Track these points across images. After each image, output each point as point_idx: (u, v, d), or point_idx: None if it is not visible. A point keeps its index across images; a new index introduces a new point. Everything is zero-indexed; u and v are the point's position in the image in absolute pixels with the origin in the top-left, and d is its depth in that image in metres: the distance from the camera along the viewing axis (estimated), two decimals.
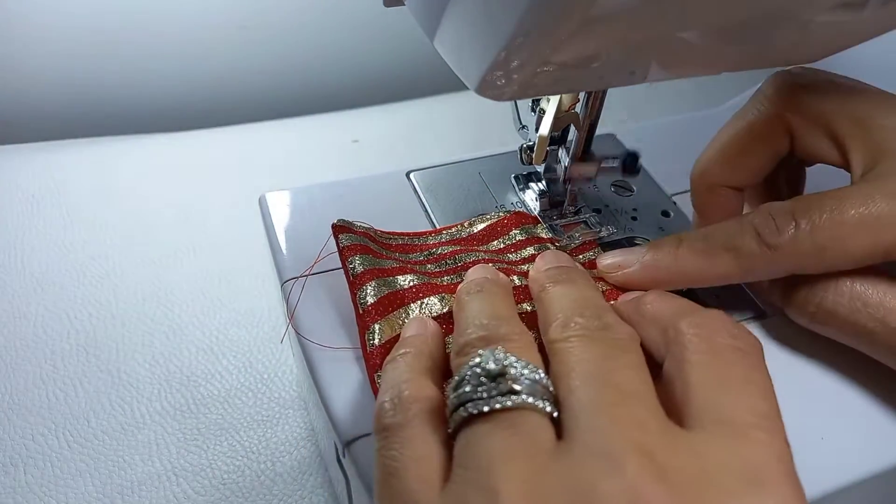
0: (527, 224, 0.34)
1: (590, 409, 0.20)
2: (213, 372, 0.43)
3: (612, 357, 0.22)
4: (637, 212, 0.36)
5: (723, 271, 0.28)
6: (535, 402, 0.20)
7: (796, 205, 0.27)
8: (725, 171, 0.32)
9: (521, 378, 0.21)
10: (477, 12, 0.21)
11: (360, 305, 0.29)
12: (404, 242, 0.33)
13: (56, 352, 0.44)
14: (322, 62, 0.71)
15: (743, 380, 0.21)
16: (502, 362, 0.21)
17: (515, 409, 0.20)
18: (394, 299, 0.28)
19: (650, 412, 0.20)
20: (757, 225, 0.27)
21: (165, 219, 0.53)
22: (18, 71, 0.62)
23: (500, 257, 0.32)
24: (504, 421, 0.20)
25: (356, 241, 0.30)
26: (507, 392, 0.20)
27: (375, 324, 0.28)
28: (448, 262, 0.31)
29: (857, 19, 0.23)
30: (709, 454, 0.19)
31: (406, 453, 0.21)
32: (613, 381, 0.21)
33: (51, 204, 0.54)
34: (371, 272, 0.29)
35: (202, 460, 0.39)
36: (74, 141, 0.60)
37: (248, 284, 0.48)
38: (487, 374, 0.21)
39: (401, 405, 0.22)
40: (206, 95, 0.69)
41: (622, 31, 0.21)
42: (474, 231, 0.34)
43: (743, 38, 0.23)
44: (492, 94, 0.24)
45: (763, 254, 0.27)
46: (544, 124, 0.31)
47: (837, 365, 0.30)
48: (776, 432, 0.20)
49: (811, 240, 0.26)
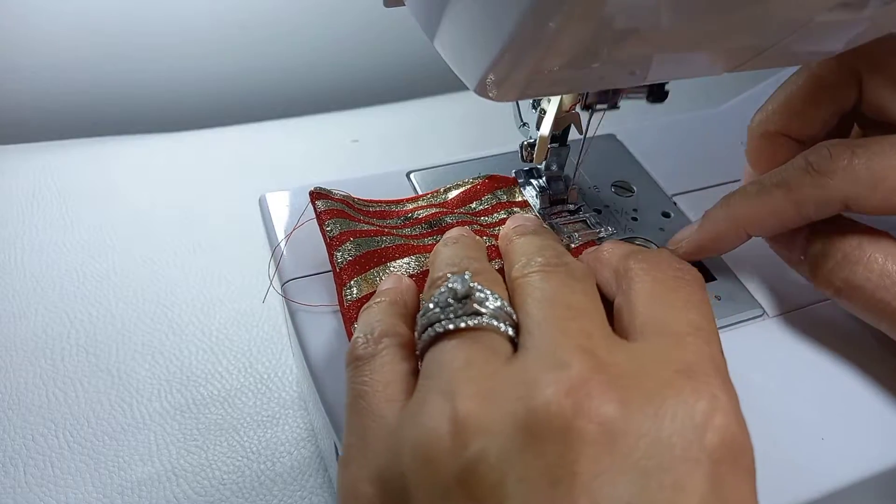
0: (500, 188, 0.35)
1: (542, 323, 0.22)
2: (213, 372, 0.43)
3: (567, 285, 0.23)
4: (637, 212, 0.36)
5: (775, 208, 0.28)
6: (497, 324, 0.22)
7: (855, 140, 0.27)
8: (788, 119, 0.31)
9: (486, 302, 0.22)
10: (477, 12, 0.21)
11: (338, 265, 0.30)
12: (381, 209, 0.34)
13: (56, 352, 0.44)
14: (322, 62, 0.71)
15: (683, 300, 0.23)
16: (468, 284, 0.23)
17: (478, 328, 0.22)
18: (371, 258, 0.30)
19: (597, 326, 0.22)
20: (809, 156, 0.27)
21: (165, 219, 0.53)
22: (18, 71, 0.62)
23: (475, 219, 0.33)
24: (468, 338, 0.22)
25: (333, 206, 0.32)
26: (472, 313, 0.22)
27: (353, 280, 0.29)
28: (424, 225, 0.33)
29: (857, 19, 0.23)
30: (646, 355, 0.21)
31: (375, 378, 0.23)
32: (565, 301, 0.22)
33: (51, 204, 0.54)
34: (347, 233, 0.31)
35: (202, 460, 0.39)
36: (74, 141, 0.60)
37: (248, 284, 0.48)
38: (454, 295, 0.22)
39: (372, 339, 0.24)
40: (206, 95, 0.69)
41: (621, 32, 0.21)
42: (449, 197, 0.35)
43: (743, 40, 0.23)
44: (492, 95, 0.24)
45: (814, 182, 0.27)
46: (545, 124, 0.31)
47: (838, 365, 0.30)
48: (711, 341, 0.22)
49: (869, 168, 0.26)
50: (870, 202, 0.27)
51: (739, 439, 0.19)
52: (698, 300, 0.23)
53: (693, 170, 0.39)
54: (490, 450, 0.19)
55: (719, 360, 0.21)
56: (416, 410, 0.21)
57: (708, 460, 0.18)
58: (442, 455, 0.19)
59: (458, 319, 0.22)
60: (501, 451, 0.19)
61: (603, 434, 0.18)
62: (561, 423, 0.18)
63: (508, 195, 0.35)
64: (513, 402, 0.19)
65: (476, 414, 0.19)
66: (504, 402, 0.19)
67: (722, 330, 0.31)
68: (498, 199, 0.35)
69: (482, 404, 0.19)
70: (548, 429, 0.18)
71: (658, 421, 0.19)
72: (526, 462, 0.18)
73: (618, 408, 0.19)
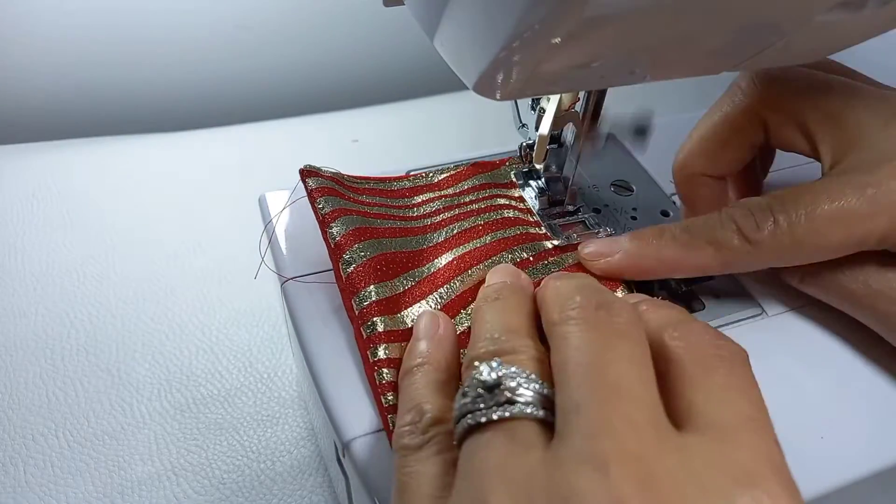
0: (483, 172, 0.36)
1: (580, 410, 0.19)
2: (213, 372, 0.43)
3: (610, 347, 0.21)
4: (636, 211, 0.36)
5: (703, 262, 0.29)
6: (532, 411, 0.20)
7: (773, 201, 0.28)
8: (705, 162, 0.33)
9: (518, 388, 0.21)
10: (476, 12, 0.21)
11: (331, 240, 0.30)
12: (371, 187, 0.35)
13: (56, 352, 0.44)
14: (322, 62, 0.71)
15: (728, 385, 0.21)
16: (498, 373, 0.21)
17: (512, 419, 0.20)
18: (364, 232, 0.30)
19: (643, 411, 0.20)
20: (737, 220, 0.28)
21: (165, 219, 0.53)
22: (18, 71, 0.62)
23: (459, 200, 0.34)
24: (500, 431, 0.20)
25: (324, 183, 0.32)
26: (504, 402, 0.21)
27: (348, 250, 0.29)
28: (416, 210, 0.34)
29: (856, 19, 0.23)
30: (697, 457, 0.19)
31: (419, 470, 0.22)
32: (607, 376, 0.20)
33: (51, 204, 0.54)
34: (338, 210, 0.31)
35: (202, 460, 0.39)
36: (74, 141, 0.60)
37: (248, 284, 0.48)
38: (484, 386, 0.21)
39: (420, 427, 0.23)
40: (206, 95, 0.69)
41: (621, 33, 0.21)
42: (435, 180, 0.36)
43: (743, 39, 0.23)
44: (491, 94, 0.24)
45: (744, 248, 0.28)
46: (544, 123, 0.31)
47: (838, 365, 0.30)
48: (764, 433, 0.20)
49: (789, 235, 0.27)
50: (795, 262, 0.29)
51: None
52: (745, 384, 0.21)
53: None
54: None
55: (777, 457, 0.20)
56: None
57: None
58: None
59: (490, 411, 0.20)
60: None
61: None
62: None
63: (493, 178, 0.36)
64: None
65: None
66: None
67: (721, 329, 0.31)
68: (482, 182, 0.36)
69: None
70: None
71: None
72: None
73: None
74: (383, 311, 0.28)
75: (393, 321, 0.28)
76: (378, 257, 0.30)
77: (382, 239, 0.31)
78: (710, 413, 0.20)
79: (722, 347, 0.22)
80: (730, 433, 0.19)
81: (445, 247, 0.32)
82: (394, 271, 0.30)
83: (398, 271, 0.30)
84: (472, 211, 0.33)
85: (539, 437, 0.20)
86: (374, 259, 0.30)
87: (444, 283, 0.30)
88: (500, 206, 0.34)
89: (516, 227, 0.33)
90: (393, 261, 0.30)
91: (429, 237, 0.32)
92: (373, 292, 0.29)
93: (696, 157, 0.33)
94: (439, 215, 0.33)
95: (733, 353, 0.22)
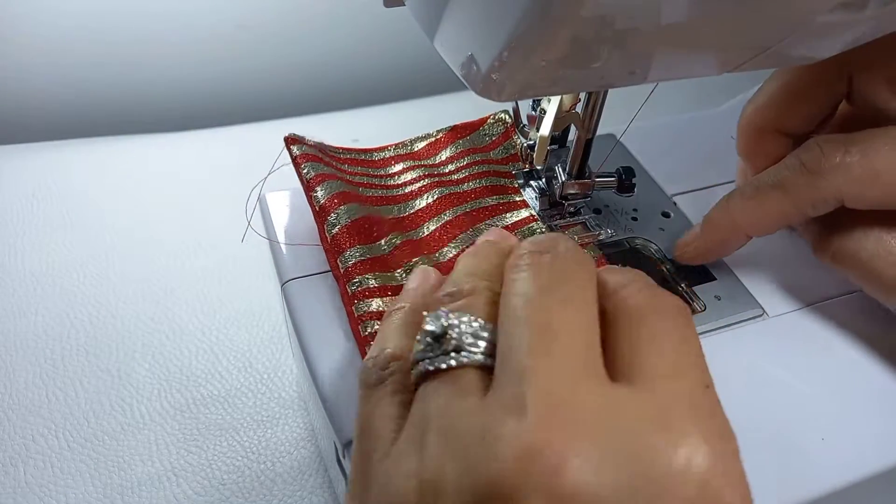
0: (462, 137, 0.37)
1: (513, 349, 0.20)
2: (213, 372, 0.43)
3: (549, 290, 0.21)
4: (637, 212, 0.36)
5: (774, 210, 0.28)
6: (476, 359, 0.21)
7: (846, 136, 0.27)
8: (780, 114, 0.31)
9: (463, 337, 0.21)
10: (477, 12, 0.21)
11: (316, 203, 0.31)
12: (352, 157, 0.36)
13: (56, 352, 0.44)
14: (322, 62, 0.71)
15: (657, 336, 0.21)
16: (444, 323, 0.22)
17: (458, 367, 0.21)
18: (347, 196, 0.31)
19: (573, 356, 0.20)
20: (802, 155, 0.27)
21: (165, 219, 0.53)
22: (18, 71, 0.62)
23: (438, 171, 0.35)
24: (446, 379, 0.21)
25: (308, 151, 0.34)
26: (451, 351, 0.21)
27: (332, 212, 0.31)
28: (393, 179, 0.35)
29: (857, 19, 0.23)
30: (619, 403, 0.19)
31: (376, 412, 0.22)
32: (541, 320, 0.20)
33: (51, 204, 0.54)
34: (322, 175, 0.32)
35: (202, 460, 0.39)
36: (74, 141, 0.60)
37: (248, 284, 0.48)
38: (432, 336, 0.22)
39: (380, 363, 0.23)
40: (206, 95, 0.69)
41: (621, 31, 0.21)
42: (415, 149, 0.37)
43: (744, 40, 0.23)
44: (492, 95, 0.24)
45: (809, 182, 0.27)
46: (545, 124, 0.31)
47: (838, 365, 0.30)
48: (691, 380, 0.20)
49: (862, 165, 0.26)
50: (865, 199, 0.27)
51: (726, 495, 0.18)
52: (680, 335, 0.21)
53: (693, 170, 0.39)
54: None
55: (700, 401, 0.19)
56: (393, 463, 0.20)
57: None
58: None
59: (437, 360, 0.21)
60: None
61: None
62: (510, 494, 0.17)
63: (472, 142, 0.37)
64: (471, 465, 0.18)
65: (437, 475, 0.19)
66: (464, 463, 0.18)
67: (722, 330, 0.31)
68: (461, 149, 0.36)
69: (445, 462, 0.19)
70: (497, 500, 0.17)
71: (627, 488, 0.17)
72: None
73: (577, 478, 0.17)
74: (367, 270, 0.30)
75: (381, 278, 0.30)
76: (361, 219, 0.31)
77: (365, 204, 0.32)
78: (639, 362, 0.20)
79: (662, 302, 0.22)
80: (656, 381, 0.19)
81: (426, 214, 0.33)
82: (378, 233, 0.31)
83: (382, 233, 0.31)
84: (451, 181, 0.35)
85: (480, 384, 0.20)
86: (358, 221, 0.31)
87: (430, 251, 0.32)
88: (478, 175, 0.35)
89: (495, 197, 0.34)
90: (377, 223, 0.31)
91: (409, 204, 0.33)
92: (357, 252, 0.30)
93: (769, 110, 0.31)
94: (418, 183, 0.34)
95: (673, 306, 0.22)
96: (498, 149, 0.36)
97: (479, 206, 0.33)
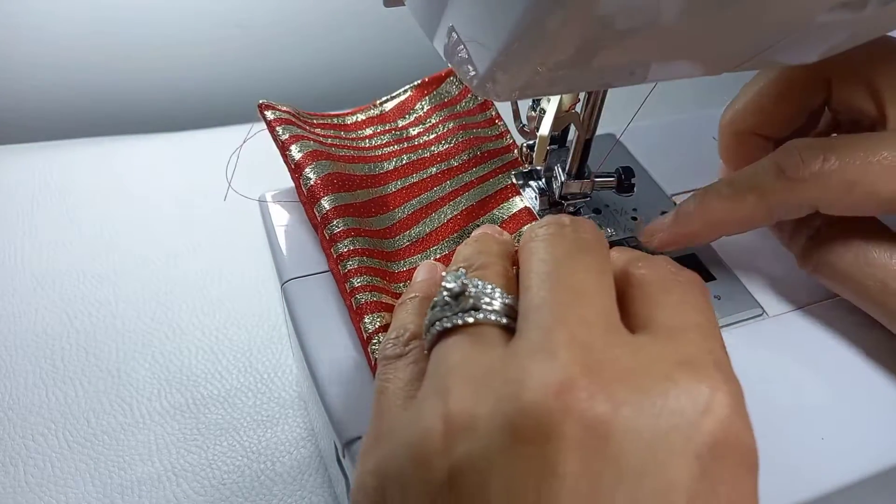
0: (429, 93, 0.38)
1: (540, 307, 0.21)
2: (213, 372, 0.43)
3: (571, 256, 0.22)
4: (637, 212, 0.36)
5: (746, 213, 0.29)
6: (495, 318, 0.22)
7: (825, 142, 0.27)
8: (758, 117, 0.32)
9: (482, 296, 0.22)
10: (476, 12, 0.21)
11: (292, 161, 0.34)
12: (324, 122, 0.38)
13: (56, 352, 0.44)
14: (322, 62, 0.71)
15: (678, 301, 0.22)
16: (461, 281, 0.23)
17: (476, 324, 0.22)
18: (321, 154, 0.34)
19: (599, 312, 0.21)
20: (780, 160, 0.27)
21: (165, 218, 0.53)
22: (18, 71, 0.62)
23: (407, 133, 0.37)
24: (465, 334, 0.22)
25: (281, 115, 0.36)
26: (471, 308, 0.22)
27: (308, 167, 0.33)
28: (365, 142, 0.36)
29: (857, 19, 0.23)
30: (645, 348, 0.20)
31: (396, 376, 0.23)
32: (567, 281, 0.21)
33: (51, 204, 0.54)
34: (296, 137, 0.34)
35: (202, 460, 0.39)
36: (74, 141, 0.60)
37: (248, 284, 0.48)
38: (451, 294, 0.22)
39: (402, 341, 0.25)
40: (206, 95, 0.69)
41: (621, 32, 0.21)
42: (386, 109, 0.38)
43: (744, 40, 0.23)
44: (491, 94, 0.24)
45: (785, 187, 0.27)
46: (545, 124, 0.31)
47: (838, 365, 0.30)
48: (710, 337, 0.21)
49: (840, 175, 0.26)
50: (839, 206, 0.27)
51: (742, 435, 0.19)
52: (698, 302, 0.22)
53: (693, 170, 0.39)
54: (476, 451, 0.18)
55: (720, 356, 0.21)
56: (415, 409, 0.21)
57: (706, 455, 0.18)
58: (433, 455, 0.19)
59: (455, 317, 0.22)
60: (487, 452, 0.18)
61: (592, 436, 0.18)
62: (547, 425, 0.18)
63: (440, 96, 0.38)
64: (501, 401, 0.19)
65: (466, 413, 0.19)
66: (493, 399, 0.19)
67: (722, 329, 0.31)
68: (430, 106, 0.38)
69: (474, 402, 0.19)
70: (533, 430, 0.18)
71: (654, 417, 0.18)
72: (510, 465, 0.18)
73: (609, 408, 0.18)
74: (342, 215, 0.32)
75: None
76: (335, 174, 0.33)
77: (339, 162, 0.34)
78: (661, 319, 0.21)
79: (680, 274, 0.23)
80: (678, 333, 0.21)
81: (395, 175, 0.35)
82: (350, 185, 0.33)
83: (355, 186, 0.33)
84: (420, 144, 0.36)
85: (501, 339, 0.21)
86: (332, 174, 0.33)
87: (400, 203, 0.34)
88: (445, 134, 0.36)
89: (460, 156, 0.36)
90: (349, 178, 0.34)
91: (380, 165, 0.35)
92: (332, 199, 0.32)
93: (749, 113, 0.32)
94: (389, 147, 0.36)
95: (690, 279, 0.23)
96: (467, 98, 0.38)
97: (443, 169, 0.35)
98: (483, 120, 0.37)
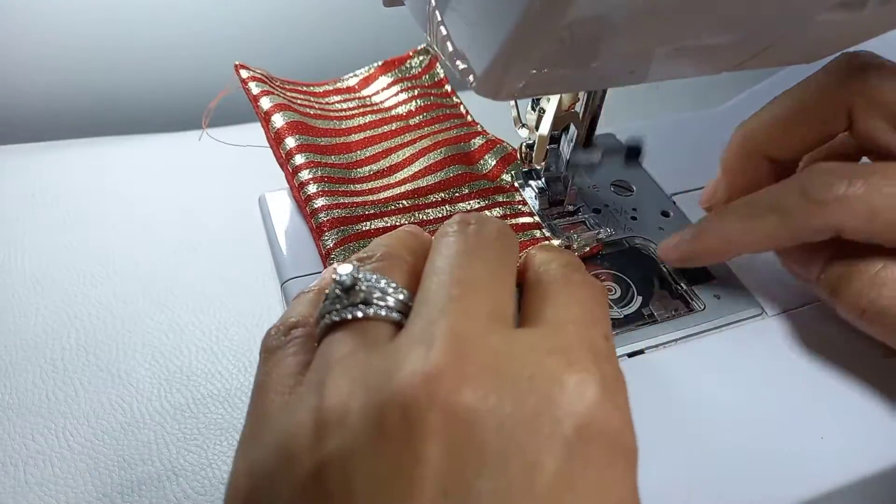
0: (391, 70, 0.43)
1: (429, 299, 0.21)
2: (213, 372, 0.43)
3: (470, 251, 0.22)
4: (637, 212, 0.36)
5: (768, 233, 0.28)
6: (386, 313, 0.21)
7: (852, 167, 0.26)
8: (773, 140, 0.31)
9: (374, 290, 0.22)
10: (475, 12, 0.21)
11: (261, 110, 0.39)
12: (295, 88, 0.42)
13: (56, 352, 0.44)
14: (322, 62, 0.71)
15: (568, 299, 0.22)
16: (353, 275, 0.22)
17: (366, 319, 0.21)
18: (289, 107, 0.38)
19: (485, 305, 0.21)
20: (804, 182, 0.27)
21: (165, 219, 0.53)
22: (18, 71, 0.62)
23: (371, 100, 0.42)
24: (353, 329, 0.21)
25: (255, 74, 0.41)
26: (361, 303, 0.21)
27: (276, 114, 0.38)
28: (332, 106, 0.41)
29: (857, 19, 0.23)
30: (522, 339, 0.20)
31: (275, 370, 0.22)
32: (458, 275, 0.21)
33: (51, 204, 0.54)
34: (266, 91, 0.39)
35: (202, 460, 0.39)
36: (74, 141, 0.60)
37: (248, 284, 0.48)
38: (342, 287, 0.22)
39: (282, 331, 0.24)
40: (206, 95, 0.69)
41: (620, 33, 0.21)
42: (351, 84, 0.43)
43: (743, 39, 0.23)
44: (491, 94, 0.24)
45: (809, 211, 0.27)
46: (544, 124, 0.31)
47: (837, 365, 0.30)
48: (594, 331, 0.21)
49: (865, 202, 0.26)
50: (863, 233, 0.27)
51: (610, 421, 0.19)
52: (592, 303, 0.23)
53: (693, 170, 0.39)
54: (345, 445, 0.18)
55: (600, 345, 0.21)
56: (291, 405, 0.20)
57: (573, 439, 0.18)
58: (303, 451, 0.18)
59: (345, 311, 0.21)
60: (353, 445, 0.18)
61: (456, 424, 0.18)
62: (412, 414, 0.18)
63: (402, 72, 0.43)
64: (371, 392, 0.18)
65: (340, 407, 0.19)
66: (365, 391, 0.19)
67: (721, 329, 0.31)
68: (391, 79, 0.42)
69: (348, 395, 0.19)
70: (399, 421, 0.18)
71: (519, 403, 0.18)
72: (375, 456, 0.18)
73: (475, 396, 0.18)
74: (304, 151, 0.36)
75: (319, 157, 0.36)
76: (301, 122, 0.38)
77: (306, 116, 0.38)
78: (547, 315, 0.22)
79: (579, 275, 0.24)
80: (558, 325, 0.21)
81: (358, 129, 0.39)
82: (315, 133, 0.38)
83: (320, 134, 0.38)
84: (382, 108, 0.41)
85: (391, 335, 0.21)
86: (299, 122, 0.38)
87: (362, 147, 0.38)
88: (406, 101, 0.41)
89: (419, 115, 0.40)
90: (314, 129, 0.38)
91: (344, 122, 0.40)
92: (297, 139, 0.36)
93: (763, 133, 0.31)
94: (354, 110, 0.41)
95: (591, 283, 0.24)
96: (425, 76, 0.42)
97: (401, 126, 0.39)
98: (439, 92, 0.41)
